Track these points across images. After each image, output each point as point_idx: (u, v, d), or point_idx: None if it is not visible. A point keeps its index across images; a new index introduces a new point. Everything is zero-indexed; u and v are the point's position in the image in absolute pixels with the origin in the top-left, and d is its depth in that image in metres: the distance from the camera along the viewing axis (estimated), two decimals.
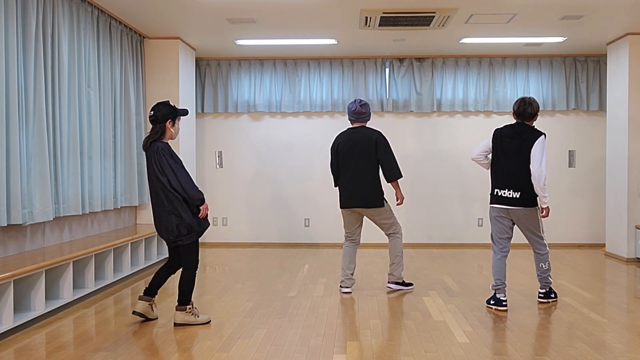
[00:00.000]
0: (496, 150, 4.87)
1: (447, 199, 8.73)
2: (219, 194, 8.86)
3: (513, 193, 4.75)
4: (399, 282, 5.55)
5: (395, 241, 5.48)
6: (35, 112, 4.92)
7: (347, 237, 5.54)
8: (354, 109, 5.42)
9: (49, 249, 5.09)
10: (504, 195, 4.79)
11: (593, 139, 8.71)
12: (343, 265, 5.51)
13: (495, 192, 4.87)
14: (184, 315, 4.31)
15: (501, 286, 4.86)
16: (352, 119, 5.48)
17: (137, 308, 4.40)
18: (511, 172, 4.75)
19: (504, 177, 4.80)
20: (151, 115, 4.31)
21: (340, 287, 5.52)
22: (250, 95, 8.73)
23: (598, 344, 3.89)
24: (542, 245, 4.93)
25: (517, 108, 4.85)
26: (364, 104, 5.43)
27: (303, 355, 3.65)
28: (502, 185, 4.80)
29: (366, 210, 5.39)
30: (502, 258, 4.90)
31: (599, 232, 8.66)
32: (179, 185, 4.18)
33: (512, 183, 4.75)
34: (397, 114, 8.74)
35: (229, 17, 6.48)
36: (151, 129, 4.34)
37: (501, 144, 4.83)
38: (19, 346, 3.88)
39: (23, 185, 4.76)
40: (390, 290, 5.54)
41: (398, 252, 5.47)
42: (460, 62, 8.61)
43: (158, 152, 4.21)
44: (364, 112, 5.43)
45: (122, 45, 6.78)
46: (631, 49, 7.34)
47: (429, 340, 3.96)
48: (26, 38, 4.85)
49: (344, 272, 5.49)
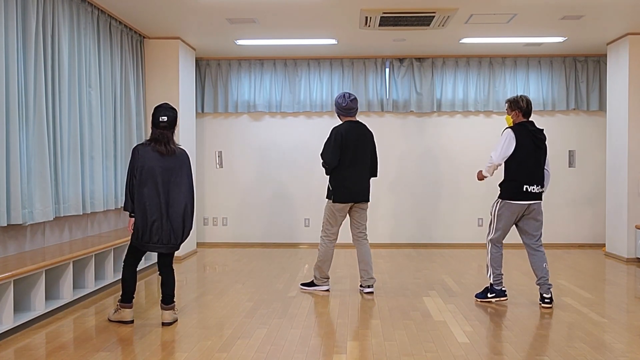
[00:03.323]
0: (525, 147, 4.85)
1: (447, 199, 8.73)
2: (219, 194, 8.86)
3: (538, 188, 4.91)
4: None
5: (367, 244, 5.50)
6: (35, 112, 4.92)
7: (333, 234, 5.47)
8: (344, 104, 5.39)
9: (49, 249, 5.09)
10: (533, 191, 4.88)
11: (593, 139, 8.71)
12: (325, 266, 5.50)
13: (524, 189, 4.85)
14: (173, 313, 4.42)
15: (502, 279, 5.10)
16: (342, 113, 5.44)
17: (129, 317, 4.41)
18: (539, 167, 4.92)
19: (534, 173, 4.88)
20: (164, 120, 4.19)
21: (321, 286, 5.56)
22: (250, 95, 8.73)
23: (598, 344, 3.89)
24: (540, 242, 5.00)
25: (526, 106, 4.96)
26: (353, 99, 5.42)
27: (303, 355, 3.65)
28: (531, 180, 4.88)
29: (364, 204, 5.45)
30: (501, 252, 5.10)
31: (599, 232, 8.66)
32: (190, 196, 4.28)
33: (539, 178, 4.92)
34: (397, 114, 8.74)
35: (229, 17, 6.48)
36: (164, 135, 4.21)
37: (532, 140, 4.88)
38: (19, 346, 3.88)
39: (23, 185, 4.76)
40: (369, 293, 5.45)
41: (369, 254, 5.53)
42: (460, 62, 8.61)
43: (189, 161, 4.30)
44: (354, 108, 5.46)
45: (122, 45, 6.78)
46: (631, 49, 7.34)
47: (429, 340, 3.96)
48: (26, 38, 4.85)
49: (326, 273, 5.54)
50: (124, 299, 4.40)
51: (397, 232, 8.63)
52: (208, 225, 8.88)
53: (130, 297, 4.41)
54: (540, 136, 4.93)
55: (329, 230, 5.46)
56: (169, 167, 4.20)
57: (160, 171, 4.18)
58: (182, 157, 4.29)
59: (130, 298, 4.40)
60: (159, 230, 4.19)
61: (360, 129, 5.41)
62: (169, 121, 4.22)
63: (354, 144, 5.35)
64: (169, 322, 4.36)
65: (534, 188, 4.86)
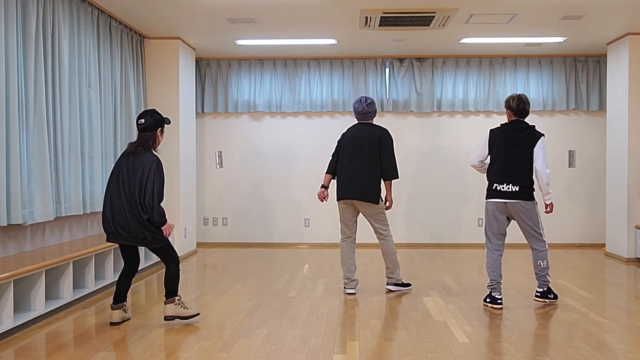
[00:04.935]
0: (497, 147, 4.91)
1: (448, 199, 8.73)
2: (219, 194, 8.86)
3: (512, 187, 4.81)
4: (398, 283, 5.55)
5: (388, 243, 5.46)
6: (35, 112, 4.92)
7: (344, 234, 5.49)
8: (360, 109, 5.39)
9: (49, 249, 5.09)
10: (503, 190, 4.85)
11: (593, 139, 8.71)
12: (344, 267, 5.47)
13: (494, 187, 4.91)
14: (173, 307, 4.33)
15: (496, 285, 4.93)
16: (359, 118, 5.46)
17: (113, 319, 4.38)
18: (512, 166, 4.82)
19: (504, 172, 4.85)
20: (142, 123, 4.27)
21: (345, 289, 5.49)
22: (250, 95, 8.73)
23: (598, 344, 3.89)
24: (541, 242, 4.95)
25: (515, 106, 4.92)
26: (370, 103, 5.40)
27: (303, 355, 3.65)
28: (501, 180, 4.86)
29: (362, 204, 5.35)
30: (499, 257, 4.95)
31: (599, 232, 8.66)
32: (151, 204, 4.15)
33: (512, 177, 4.81)
34: (397, 114, 8.74)
35: (229, 17, 6.48)
36: (140, 137, 4.29)
37: (503, 140, 4.87)
38: (19, 346, 3.88)
39: (23, 185, 4.76)
40: (389, 291, 5.54)
41: (392, 254, 5.46)
42: (460, 62, 8.61)
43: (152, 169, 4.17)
44: (370, 111, 5.42)
45: (122, 45, 6.78)
46: (631, 49, 7.34)
47: (429, 340, 3.96)
48: (26, 38, 4.85)
49: (347, 275, 5.46)
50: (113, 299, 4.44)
51: (397, 233, 8.63)
52: (208, 225, 8.88)
53: (117, 298, 4.40)
54: (517, 134, 4.84)
55: (341, 229, 5.51)
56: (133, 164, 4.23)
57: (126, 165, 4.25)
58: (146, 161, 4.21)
59: (116, 299, 4.40)
60: (119, 226, 4.22)
61: (361, 131, 5.38)
62: (145, 124, 4.28)
63: (351, 144, 5.37)
64: (167, 315, 4.33)
65: (505, 187, 4.83)
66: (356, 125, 5.47)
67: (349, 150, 5.38)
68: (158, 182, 4.18)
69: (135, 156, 4.26)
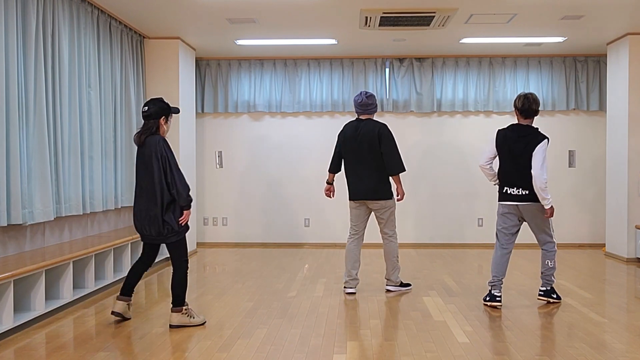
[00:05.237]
0: (503, 152, 4.93)
1: (448, 199, 8.73)
2: (219, 194, 8.86)
3: (522, 191, 4.84)
4: (397, 284, 5.55)
5: (391, 244, 5.46)
6: (35, 112, 4.92)
7: (353, 231, 5.48)
8: (360, 100, 5.37)
9: (49, 249, 5.09)
10: (514, 193, 4.88)
11: (593, 139, 8.71)
12: (348, 265, 5.45)
13: (505, 190, 4.93)
14: (180, 316, 4.29)
15: (497, 283, 4.95)
16: (358, 111, 5.43)
17: (115, 308, 4.39)
18: (519, 171, 4.83)
19: (513, 176, 4.87)
20: (145, 111, 4.28)
21: (345, 288, 5.49)
22: (250, 95, 8.73)
23: (598, 344, 3.89)
24: (551, 244, 4.98)
25: (521, 105, 4.87)
26: (369, 95, 5.38)
27: (303, 355, 3.65)
28: (511, 183, 4.88)
29: (375, 202, 5.34)
30: (505, 255, 4.96)
31: (599, 232, 8.66)
32: (174, 183, 4.17)
33: (520, 182, 4.84)
34: (397, 114, 8.74)
35: (229, 17, 6.48)
36: (144, 125, 4.30)
37: (508, 146, 4.88)
38: (19, 346, 3.88)
39: (23, 185, 4.76)
40: (388, 291, 5.54)
41: (394, 256, 5.46)
42: (460, 62, 8.61)
43: (160, 145, 4.18)
44: (370, 104, 5.39)
45: (122, 45, 6.78)
46: (631, 49, 7.34)
47: (429, 340, 3.96)
48: (26, 38, 4.85)
49: (349, 273, 5.44)
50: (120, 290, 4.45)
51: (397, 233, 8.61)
52: (208, 225, 8.88)
53: (125, 288, 4.41)
54: (518, 140, 4.81)
55: (350, 228, 5.51)
56: (142, 156, 4.25)
57: (139, 162, 4.29)
58: (151, 144, 4.22)
59: (124, 290, 4.41)
60: (140, 220, 4.27)
61: (360, 126, 5.35)
62: (149, 112, 4.28)
63: (349, 143, 5.36)
64: (172, 324, 4.30)
65: (515, 190, 4.86)
66: (354, 121, 5.43)
67: (350, 153, 5.37)
68: (172, 157, 4.21)
69: (141, 148, 4.28)
